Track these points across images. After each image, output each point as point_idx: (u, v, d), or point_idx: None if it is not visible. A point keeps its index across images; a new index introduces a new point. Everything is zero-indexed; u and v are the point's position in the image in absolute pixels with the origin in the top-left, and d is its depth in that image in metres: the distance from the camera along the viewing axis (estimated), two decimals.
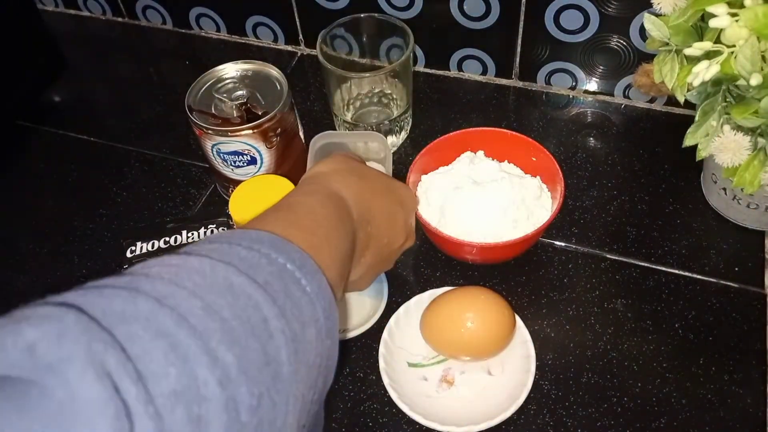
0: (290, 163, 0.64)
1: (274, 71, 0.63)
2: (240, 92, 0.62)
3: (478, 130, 0.63)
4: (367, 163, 0.65)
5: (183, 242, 0.62)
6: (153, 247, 0.62)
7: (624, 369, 0.54)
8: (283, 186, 0.57)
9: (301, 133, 0.66)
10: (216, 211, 0.65)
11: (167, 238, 0.63)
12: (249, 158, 0.61)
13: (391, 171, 0.60)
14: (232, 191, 0.58)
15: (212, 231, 0.63)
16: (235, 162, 0.61)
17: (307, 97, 0.77)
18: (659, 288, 0.58)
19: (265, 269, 0.32)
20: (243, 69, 0.64)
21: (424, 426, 0.50)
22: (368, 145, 0.65)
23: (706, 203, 0.64)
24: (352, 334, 0.55)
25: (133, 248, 0.62)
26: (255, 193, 0.57)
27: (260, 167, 0.62)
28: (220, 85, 0.63)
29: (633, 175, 0.66)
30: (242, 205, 0.56)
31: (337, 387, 0.54)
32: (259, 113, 0.60)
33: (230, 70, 0.64)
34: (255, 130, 0.59)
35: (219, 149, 0.61)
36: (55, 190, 0.71)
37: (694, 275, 0.59)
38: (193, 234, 0.63)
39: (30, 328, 0.23)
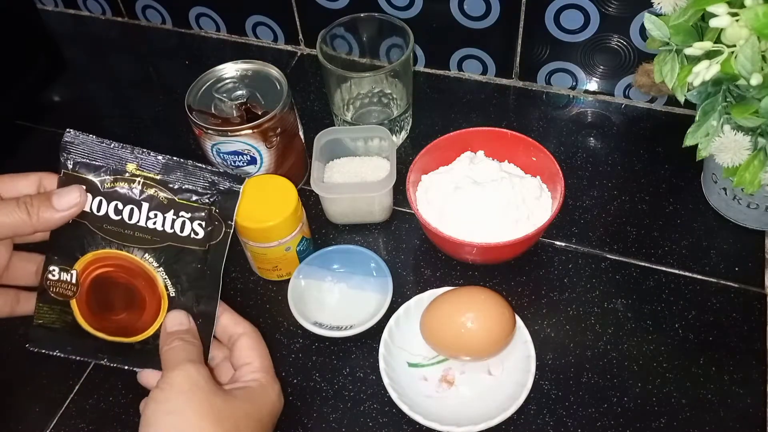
0: (290, 163, 0.64)
1: (274, 71, 0.63)
2: (240, 92, 0.62)
3: (478, 130, 0.63)
4: (371, 160, 0.65)
5: None
6: None
7: (624, 369, 0.54)
8: (283, 186, 0.57)
9: (301, 133, 0.66)
10: None
11: None
12: (249, 158, 0.61)
13: (395, 167, 0.60)
14: None
15: None
16: (235, 162, 0.61)
17: (307, 97, 0.77)
18: (659, 288, 0.58)
19: None
20: (243, 69, 0.64)
21: (424, 426, 0.50)
22: (368, 144, 0.65)
23: (706, 203, 0.64)
24: (357, 330, 0.55)
25: None
26: (255, 193, 0.57)
27: (260, 167, 0.62)
28: (219, 84, 0.63)
29: (633, 175, 0.66)
30: (242, 205, 0.56)
31: (337, 387, 0.54)
32: (259, 113, 0.60)
33: (230, 69, 0.64)
34: (255, 130, 0.59)
35: (219, 149, 0.61)
36: None
37: (694, 275, 0.59)
38: None
39: None
